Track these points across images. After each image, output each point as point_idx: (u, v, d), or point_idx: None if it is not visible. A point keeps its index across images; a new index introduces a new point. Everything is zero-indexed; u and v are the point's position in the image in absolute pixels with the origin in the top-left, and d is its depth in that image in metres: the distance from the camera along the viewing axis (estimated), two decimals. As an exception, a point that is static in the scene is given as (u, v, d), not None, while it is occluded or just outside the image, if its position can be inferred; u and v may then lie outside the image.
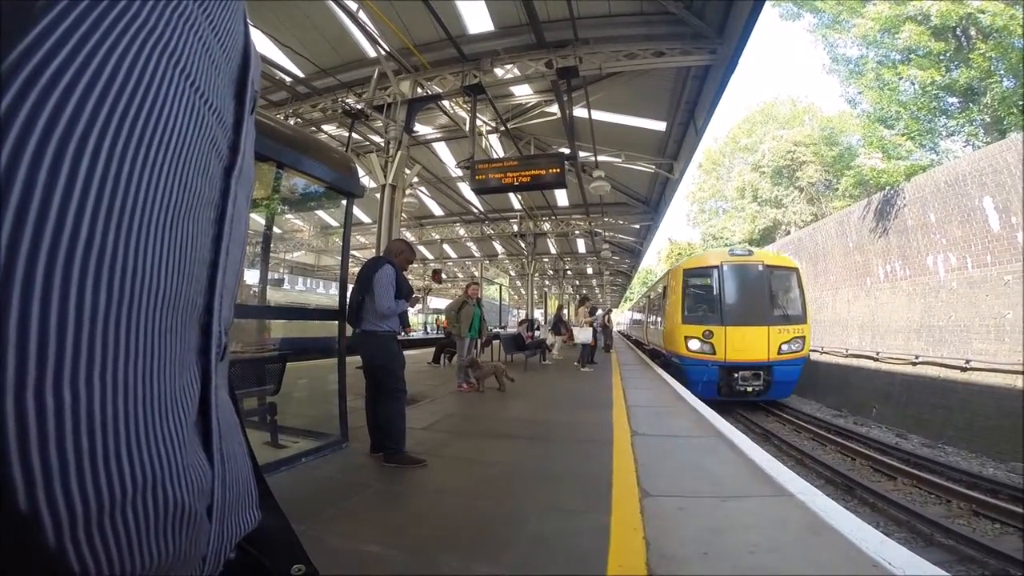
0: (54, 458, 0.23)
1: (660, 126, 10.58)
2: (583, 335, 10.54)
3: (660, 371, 10.51)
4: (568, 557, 2.12)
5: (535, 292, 24.28)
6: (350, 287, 3.78)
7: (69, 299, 0.24)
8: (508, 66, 7.90)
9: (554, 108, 9.33)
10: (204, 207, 0.34)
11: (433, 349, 11.87)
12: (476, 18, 7.59)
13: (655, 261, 52.26)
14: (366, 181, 10.59)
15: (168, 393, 0.32)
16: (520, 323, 18.66)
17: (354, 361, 4.33)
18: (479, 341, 7.61)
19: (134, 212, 0.27)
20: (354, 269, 4.15)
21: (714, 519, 2.52)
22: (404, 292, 3.61)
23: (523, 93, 10.13)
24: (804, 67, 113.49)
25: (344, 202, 4.11)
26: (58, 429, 0.23)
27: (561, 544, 2.24)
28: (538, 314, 24.62)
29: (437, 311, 22.02)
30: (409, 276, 4.07)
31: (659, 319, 14.66)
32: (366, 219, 17.94)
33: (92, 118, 0.24)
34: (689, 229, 42.46)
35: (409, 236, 20.60)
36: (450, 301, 7.43)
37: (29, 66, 0.22)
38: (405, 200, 9.18)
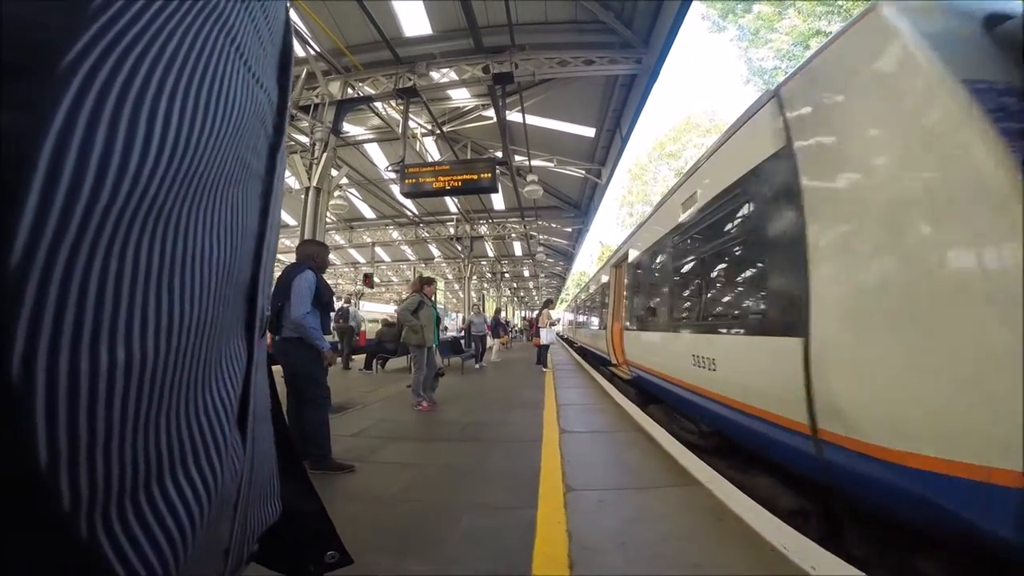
0: (100, 422, 0.23)
1: (590, 132, 10.94)
2: (548, 336, 10.79)
3: (590, 369, 10.84)
4: (496, 552, 2.19)
5: (473, 295, 24.26)
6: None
7: (126, 258, 0.23)
8: (445, 70, 7.88)
9: (491, 112, 9.39)
10: (252, 180, 0.34)
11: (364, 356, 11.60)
12: (414, 21, 7.53)
13: (588, 263, 53.85)
14: (291, 182, 10.19)
15: (220, 359, 0.31)
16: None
17: (277, 370, 4.19)
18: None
19: (194, 176, 0.27)
20: (277, 273, 4.00)
21: (631, 510, 2.68)
22: (325, 297, 3.49)
23: (461, 97, 10.12)
24: (731, 78, 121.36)
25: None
26: (108, 389, 0.23)
27: (490, 540, 2.31)
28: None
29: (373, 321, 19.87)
30: (339, 281, 3.98)
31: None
32: (292, 222, 17.12)
33: (160, 85, 0.25)
34: (619, 232, 44.06)
35: (338, 239, 19.90)
36: (400, 303, 6.34)
37: (104, 40, 0.23)
38: (334, 202, 8.90)
